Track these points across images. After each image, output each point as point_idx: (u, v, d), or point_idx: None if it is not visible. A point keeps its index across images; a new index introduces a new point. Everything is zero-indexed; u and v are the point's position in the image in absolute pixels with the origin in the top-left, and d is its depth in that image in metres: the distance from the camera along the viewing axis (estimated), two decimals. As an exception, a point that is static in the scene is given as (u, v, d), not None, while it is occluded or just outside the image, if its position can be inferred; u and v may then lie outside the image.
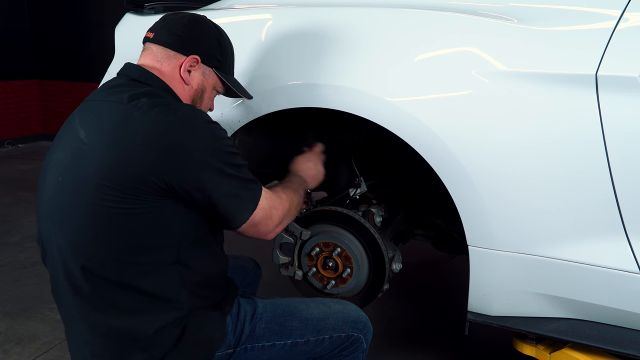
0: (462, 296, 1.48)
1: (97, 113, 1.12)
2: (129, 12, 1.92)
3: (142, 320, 1.11)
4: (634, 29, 1.18)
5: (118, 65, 1.84)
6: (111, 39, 1.89)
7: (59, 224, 1.10)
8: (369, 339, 1.35)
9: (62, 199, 1.10)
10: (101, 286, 1.09)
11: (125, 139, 1.05)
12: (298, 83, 1.48)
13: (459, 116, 1.29)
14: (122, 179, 1.03)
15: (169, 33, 1.23)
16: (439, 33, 1.37)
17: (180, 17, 1.26)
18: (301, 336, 1.27)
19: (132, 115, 1.07)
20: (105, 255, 1.07)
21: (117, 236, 1.07)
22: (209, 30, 1.28)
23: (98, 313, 1.10)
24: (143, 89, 1.15)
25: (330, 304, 1.34)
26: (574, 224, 1.26)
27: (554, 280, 1.31)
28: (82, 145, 1.08)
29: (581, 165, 1.22)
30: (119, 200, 1.04)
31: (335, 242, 1.63)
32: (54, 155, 1.17)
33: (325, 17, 1.53)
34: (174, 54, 1.23)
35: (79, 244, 1.08)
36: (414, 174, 1.61)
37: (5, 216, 3.71)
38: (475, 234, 1.34)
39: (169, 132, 1.05)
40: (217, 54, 1.29)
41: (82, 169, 1.07)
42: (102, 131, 1.08)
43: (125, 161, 1.04)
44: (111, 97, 1.13)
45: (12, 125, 6.18)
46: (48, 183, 1.14)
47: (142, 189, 1.04)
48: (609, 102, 1.17)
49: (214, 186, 1.09)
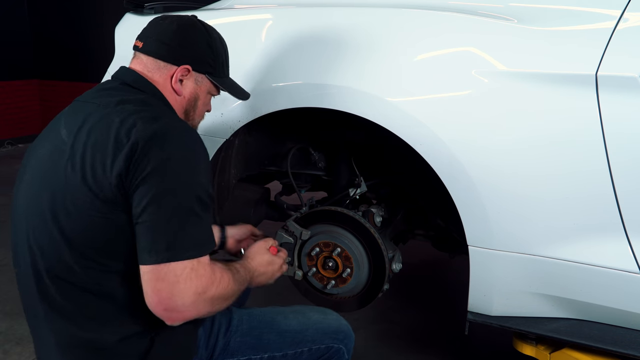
0: (462, 296, 1.48)
1: (82, 114, 1.10)
2: (129, 12, 1.93)
3: (108, 330, 1.06)
4: (634, 29, 1.19)
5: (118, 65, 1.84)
6: (111, 39, 1.89)
7: (31, 224, 1.08)
8: (351, 348, 1.30)
9: (36, 198, 1.08)
10: (70, 292, 1.05)
11: (101, 143, 1.02)
12: (298, 83, 1.48)
13: (459, 116, 1.29)
14: (96, 183, 1.00)
15: (158, 43, 1.19)
16: (438, 33, 1.37)
17: (168, 24, 1.21)
18: (279, 350, 1.22)
19: (113, 120, 1.04)
20: (75, 259, 1.03)
21: (87, 241, 1.03)
22: (199, 35, 1.23)
23: (64, 321, 1.06)
24: (134, 95, 1.13)
25: (309, 314, 1.28)
26: (574, 224, 1.26)
27: (554, 280, 1.31)
28: (62, 145, 1.07)
29: (581, 165, 1.22)
30: (91, 204, 1.00)
31: (335, 242, 1.63)
32: (34, 152, 1.15)
33: (325, 17, 1.54)
34: (164, 65, 1.19)
35: (49, 246, 1.05)
36: (414, 174, 1.61)
37: (5, 216, 3.70)
38: (475, 234, 1.34)
39: (142, 142, 0.99)
40: (209, 59, 1.24)
41: (57, 169, 1.05)
42: (81, 132, 1.06)
43: (99, 166, 1.00)
44: (98, 100, 1.12)
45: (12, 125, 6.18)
46: (25, 181, 1.12)
47: (115, 196, 1.00)
48: (609, 102, 1.17)
49: (155, 209, 0.97)
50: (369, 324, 2.30)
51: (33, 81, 6.37)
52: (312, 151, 1.81)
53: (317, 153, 1.83)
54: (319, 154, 1.83)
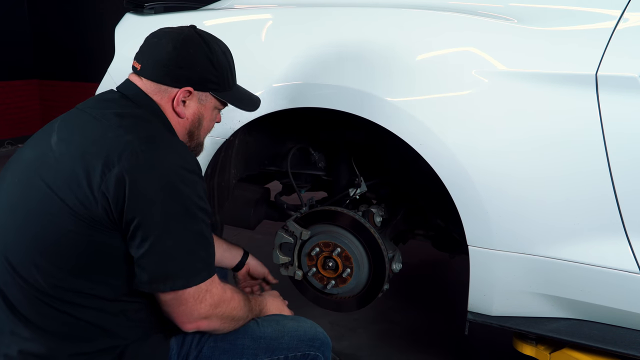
0: (462, 296, 1.48)
1: (76, 123, 1.09)
2: (129, 12, 1.93)
3: (75, 345, 1.04)
4: (634, 29, 1.19)
5: (118, 65, 1.85)
6: (111, 39, 1.89)
7: (4, 226, 1.06)
8: (329, 356, 1.27)
9: (13, 200, 1.06)
10: (36, 302, 1.02)
11: (89, 156, 1.00)
12: (298, 83, 1.48)
13: (459, 116, 1.30)
14: (76, 196, 0.98)
15: (155, 66, 1.14)
16: (438, 33, 1.37)
17: (165, 43, 1.15)
18: (253, 356, 1.17)
19: (107, 135, 1.02)
20: (48, 275, 1.01)
21: (59, 256, 1.01)
22: (198, 52, 1.16)
23: (25, 330, 1.02)
24: (133, 110, 1.11)
25: (283, 322, 1.24)
26: (574, 223, 1.26)
27: (554, 280, 1.31)
28: (49, 151, 1.05)
29: (581, 165, 1.22)
30: (70, 219, 0.99)
31: (335, 242, 1.63)
32: (23, 153, 1.13)
33: (325, 17, 1.54)
34: (164, 88, 1.15)
35: (20, 258, 1.03)
36: (414, 174, 1.61)
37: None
38: (475, 233, 1.34)
39: (135, 163, 0.98)
40: (212, 76, 1.18)
41: (40, 174, 1.03)
42: (71, 143, 1.04)
43: (83, 179, 0.98)
44: (95, 111, 1.09)
45: (12, 125, 6.17)
46: (7, 180, 1.10)
47: (92, 214, 0.98)
48: (609, 102, 1.17)
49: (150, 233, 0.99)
50: (369, 324, 2.30)
51: (33, 81, 6.36)
52: (312, 151, 1.81)
53: (317, 153, 1.83)
54: (319, 154, 1.83)
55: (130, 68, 1.20)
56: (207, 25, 1.72)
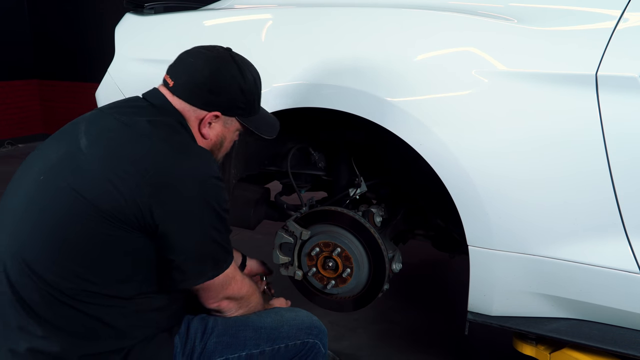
0: (462, 296, 1.48)
1: (106, 128, 1.11)
2: (129, 12, 1.93)
3: (88, 345, 1.05)
4: (634, 29, 1.19)
5: (118, 65, 1.85)
6: (111, 39, 1.89)
7: (22, 224, 1.06)
8: (326, 343, 1.32)
9: (38, 199, 1.07)
10: (52, 301, 1.03)
11: (124, 162, 1.03)
12: (298, 83, 1.48)
13: (459, 116, 1.30)
14: (106, 200, 1.01)
15: (189, 87, 1.18)
16: (438, 33, 1.37)
17: (201, 67, 1.18)
18: (256, 346, 1.21)
19: (140, 142, 1.07)
20: (64, 274, 1.03)
21: (82, 254, 1.03)
22: (231, 79, 1.20)
23: (38, 328, 1.03)
24: (162, 118, 1.14)
25: (281, 312, 1.30)
26: (574, 223, 1.26)
27: (554, 280, 1.31)
28: (79, 154, 1.07)
29: (581, 165, 1.22)
30: (95, 221, 1.02)
31: (335, 242, 1.63)
32: (44, 152, 1.14)
33: (325, 17, 1.54)
34: (194, 109, 1.18)
35: (42, 250, 1.04)
36: (414, 174, 1.61)
37: (5, 216, 3.70)
38: (475, 233, 1.34)
39: (170, 171, 1.05)
40: (241, 103, 1.23)
41: (65, 176, 1.05)
42: (103, 147, 1.07)
43: (115, 184, 1.02)
44: (125, 117, 1.12)
45: (12, 125, 6.17)
46: (28, 178, 1.11)
47: (121, 216, 1.02)
48: (609, 102, 1.17)
49: (185, 238, 1.06)
50: (369, 324, 2.30)
51: (33, 81, 6.36)
52: (312, 151, 1.81)
53: (317, 153, 1.83)
54: (319, 154, 1.83)
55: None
56: (207, 25, 1.72)
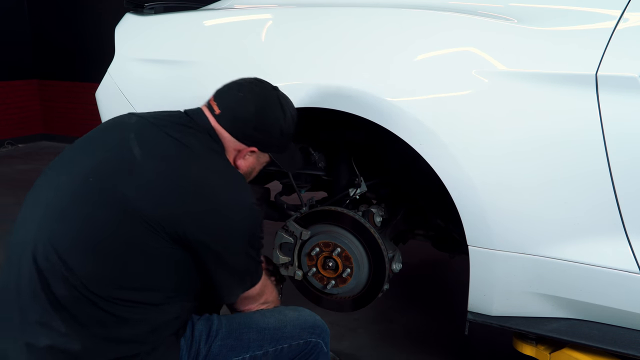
0: (462, 296, 1.48)
1: (161, 142, 1.14)
2: (129, 12, 1.93)
3: (106, 347, 1.06)
4: (634, 29, 1.18)
5: (118, 65, 1.85)
6: (111, 39, 1.89)
7: (62, 221, 1.07)
8: (328, 342, 1.33)
9: (84, 198, 1.08)
10: (82, 299, 1.04)
11: (179, 180, 1.09)
12: (298, 83, 1.48)
13: (459, 116, 1.29)
14: (155, 211, 1.05)
15: (234, 121, 1.24)
16: (438, 33, 1.37)
17: (248, 103, 1.24)
18: (259, 348, 1.23)
19: (197, 165, 1.13)
20: (101, 272, 1.05)
21: (122, 259, 1.06)
22: (275, 120, 1.27)
23: (61, 324, 1.03)
24: (211, 144, 1.20)
25: (285, 312, 1.31)
26: (574, 223, 1.26)
27: (554, 280, 1.31)
28: (133, 162, 1.09)
29: (581, 165, 1.22)
30: (142, 229, 1.05)
31: (335, 242, 1.63)
32: (88, 151, 1.16)
33: (325, 17, 1.53)
34: (235, 141, 1.25)
35: (81, 249, 1.05)
36: (413, 174, 1.60)
37: (5, 216, 3.69)
38: (475, 233, 1.34)
39: (221, 198, 1.13)
40: (278, 142, 1.31)
41: (121, 182, 1.07)
42: (159, 161, 1.10)
43: (167, 199, 1.07)
44: (179, 135, 1.16)
45: (12, 125, 6.17)
46: (71, 176, 1.12)
47: (169, 229, 1.06)
48: (609, 102, 1.17)
49: (228, 259, 1.15)
50: (369, 324, 2.30)
51: (33, 81, 6.36)
52: (312, 151, 1.81)
53: (317, 153, 1.82)
54: (319, 154, 1.83)
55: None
56: (207, 25, 1.72)
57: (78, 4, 5.88)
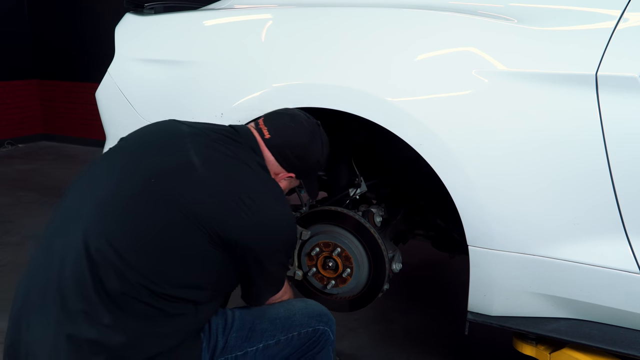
0: (462, 296, 1.48)
1: (220, 154, 1.21)
2: (129, 12, 1.93)
3: (147, 341, 1.09)
4: (634, 29, 1.19)
5: (118, 65, 1.85)
6: (111, 39, 1.89)
7: (120, 218, 1.11)
8: (334, 331, 1.38)
9: (141, 199, 1.12)
10: (132, 293, 1.07)
11: (237, 192, 1.16)
12: (298, 83, 1.48)
13: (459, 116, 1.29)
14: (212, 218, 1.12)
15: (282, 148, 1.33)
16: (438, 33, 1.37)
17: (299, 134, 1.35)
18: (272, 337, 1.28)
19: (253, 181, 1.22)
20: (153, 269, 1.09)
21: (176, 257, 1.11)
22: (315, 153, 1.39)
23: (105, 315, 1.05)
24: (261, 162, 1.29)
25: (292, 302, 1.38)
26: (574, 224, 1.26)
27: (554, 280, 1.31)
28: (193, 169, 1.15)
29: (581, 165, 1.22)
30: (198, 233, 1.11)
31: (335, 242, 1.63)
32: (147, 151, 1.21)
33: (325, 17, 1.54)
34: (277, 165, 1.34)
35: (136, 247, 1.09)
36: (414, 174, 1.61)
37: (5, 216, 3.70)
38: (475, 233, 1.34)
39: (272, 214, 1.20)
40: (313, 171, 1.45)
41: (182, 186, 1.13)
42: (218, 171, 1.18)
43: (224, 208, 1.13)
44: (232, 148, 1.23)
45: (12, 125, 6.18)
46: (132, 174, 1.16)
47: (223, 236, 1.13)
48: (609, 102, 1.17)
49: (267, 266, 1.23)
50: (369, 324, 2.30)
51: (33, 81, 6.37)
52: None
53: (317, 153, 1.82)
54: (319, 154, 1.83)
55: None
56: (207, 25, 1.72)
57: (78, 4, 5.88)
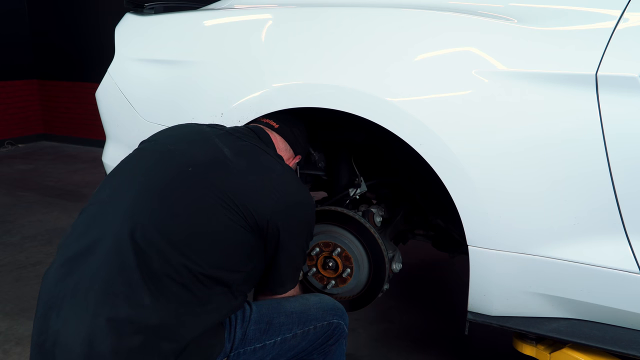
0: (462, 296, 1.48)
1: (243, 146, 1.31)
2: (129, 12, 1.93)
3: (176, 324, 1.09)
4: (634, 29, 1.19)
5: (118, 65, 1.85)
6: (111, 39, 1.89)
7: (162, 202, 1.15)
8: (348, 324, 1.41)
9: (182, 186, 1.18)
10: (174, 275, 1.09)
11: (268, 179, 1.25)
12: (298, 83, 1.48)
13: (459, 116, 1.29)
14: (248, 203, 1.19)
15: (293, 132, 1.51)
16: (438, 33, 1.37)
17: (295, 121, 1.55)
18: (289, 331, 1.30)
19: (277, 171, 1.30)
20: (190, 247, 1.13)
21: (217, 242, 1.17)
22: (305, 132, 1.59)
23: (145, 296, 1.06)
24: (277, 154, 1.41)
25: (307, 297, 1.40)
26: (574, 224, 1.26)
27: (554, 280, 1.31)
28: (227, 160, 1.24)
29: (581, 165, 1.22)
30: (236, 217, 1.18)
31: (335, 242, 1.63)
32: (178, 145, 1.27)
33: (325, 17, 1.53)
34: (289, 150, 1.50)
35: (176, 228, 1.13)
36: (413, 174, 1.61)
37: (5, 216, 3.70)
38: (475, 233, 1.34)
39: (297, 199, 1.29)
40: (307, 147, 1.63)
41: (220, 175, 1.21)
42: (248, 160, 1.27)
43: (258, 192, 1.22)
44: (255, 142, 1.35)
45: (12, 125, 6.19)
46: (168, 164, 1.22)
47: (257, 218, 1.20)
48: (609, 102, 1.17)
49: (292, 251, 1.29)
50: (369, 324, 2.30)
51: (33, 81, 6.37)
52: (312, 151, 1.82)
53: (317, 153, 1.83)
54: (319, 154, 1.83)
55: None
56: (207, 25, 1.72)
57: (78, 5, 5.88)
